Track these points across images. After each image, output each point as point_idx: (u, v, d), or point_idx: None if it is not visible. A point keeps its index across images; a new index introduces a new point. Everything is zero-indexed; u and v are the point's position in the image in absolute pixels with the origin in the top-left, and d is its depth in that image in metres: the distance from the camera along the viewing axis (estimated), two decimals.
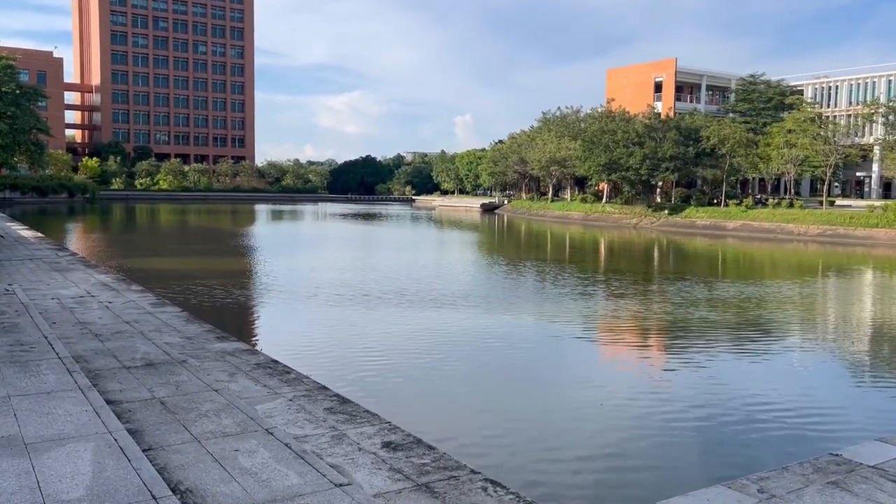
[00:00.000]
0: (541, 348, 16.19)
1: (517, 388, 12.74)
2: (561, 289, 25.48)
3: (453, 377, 13.23)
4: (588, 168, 73.76)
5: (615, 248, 48.34)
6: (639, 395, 12.27)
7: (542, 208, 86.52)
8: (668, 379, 13.60)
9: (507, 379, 13.40)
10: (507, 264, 33.35)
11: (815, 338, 18.27)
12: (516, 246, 49.24)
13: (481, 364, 14.34)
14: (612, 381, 13.36)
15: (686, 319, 19.43)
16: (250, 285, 24.54)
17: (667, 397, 12.14)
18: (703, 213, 64.38)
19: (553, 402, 11.92)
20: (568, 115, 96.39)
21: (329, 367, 13.15)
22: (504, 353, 15.37)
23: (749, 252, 46.46)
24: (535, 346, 16.47)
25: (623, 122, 72.80)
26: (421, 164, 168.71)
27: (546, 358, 15.30)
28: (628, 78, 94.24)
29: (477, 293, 23.23)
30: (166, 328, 11.04)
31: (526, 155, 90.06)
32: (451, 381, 13.02)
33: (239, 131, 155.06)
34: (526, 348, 16.03)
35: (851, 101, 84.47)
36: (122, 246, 39.39)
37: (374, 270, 29.31)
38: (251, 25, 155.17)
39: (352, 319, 18.08)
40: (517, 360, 14.73)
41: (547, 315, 20.10)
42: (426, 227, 68.48)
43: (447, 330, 17.40)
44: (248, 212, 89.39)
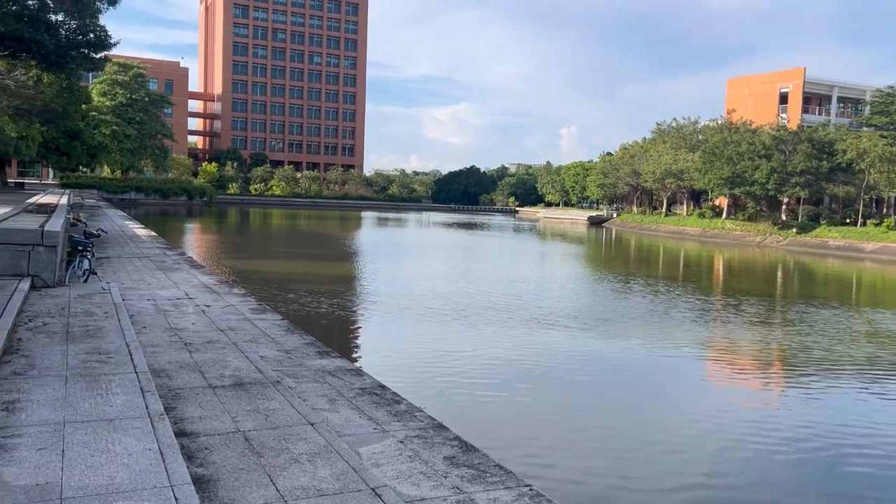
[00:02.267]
0: (669, 381, 14.09)
1: (651, 433, 10.79)
2: (681, 311, 23.01)
3: (579, 416, 11.43)
4: (708, 181, 69.41)
5: (739, 268, 44.64)
6: (753, 432, 10.19)
7: (654, 223, 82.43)
8: (787, 417, 11.34)
9: (636, 418, 11.45)
10: (619, 281, 30.96)
11: None
12: (628, 261, 46.43)
13: (605, 399, 12.47)
14: (730, 416, 11.18)
15: (813, 350, 16.83)
16: (353, 293, 23.55)
17: (786, 436, 9.95)
18: (837, 233, 58.91)
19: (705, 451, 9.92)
20: (684, 126, 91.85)
21: (440, 396, 11.69)
22: (626, 383, 13.40)
23: (892, 278, 41.67)
24: (662, 378, 14.39)
25: (748, 133, 68.10)
26: (525, 175, 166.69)
27: (680, 395, 13.21)
28: (751, 88, 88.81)
29: (588, 313, 21.23)
30: (264, 338, 9.86)
31: (639, 167, 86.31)
32: (578, 420, 11.23)
33: (349, 140, 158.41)
34: (654, 380, 13.98)
35: None
36: (231, 247, 39.81)
37: (478, 282, 27.79)
38: (364, 37, 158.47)
39: (458, 338, 16.54)
40: (642, 393, 12.74)
41: (671, 341, 17.86)
42: (530, 239, 66.43)
43: (560, 354, 15.61)
44: (355, 218, 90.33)
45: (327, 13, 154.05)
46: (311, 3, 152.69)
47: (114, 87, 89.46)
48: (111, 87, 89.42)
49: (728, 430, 10.91)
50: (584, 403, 12.27)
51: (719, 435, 10.70)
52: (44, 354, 7.19)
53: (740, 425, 11.25)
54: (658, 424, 11.19)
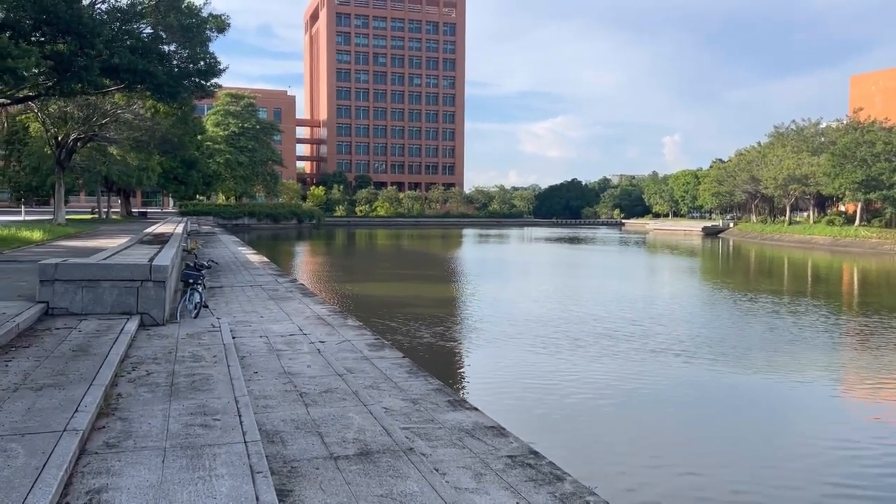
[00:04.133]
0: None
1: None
2: (827, 335, 20.25)
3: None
4: (839, 186, 63.99)
5: (880, 280, 40.24)
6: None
7: (777, 232, 76.96)
8: None
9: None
10: (750, 300, 28.10)
11: None
12: (760, 276, 42.91)
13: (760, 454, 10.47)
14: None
15: None
16: (462, 319, 22.24)
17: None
18: None
19: None
20: (805, 128, 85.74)
21: (595, 461, 10.16)
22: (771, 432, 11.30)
23: None
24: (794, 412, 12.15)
25: (884, 131, 62.39)
26: (629, 186, 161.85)
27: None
28: (878, 84, 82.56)
29: (726, 340, 18.93)
30: (385, 384, 8.66)
31: (758, 172, 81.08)
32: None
33: (449, 159, 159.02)
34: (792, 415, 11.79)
35: None
36: (340, 270, 39.65)
37: (589, 304, 25.84)
38: (462, 56, 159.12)
39: (583, 377, 14.74)
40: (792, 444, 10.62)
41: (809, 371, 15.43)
42: (642, 253, 63.29)
43: (713, 400, 13.62)
44: (457, 236, 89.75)
45: (425, 35, 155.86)
46: (410, 26, 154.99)
47: (226, 118, 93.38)
48: (224, 118, 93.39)
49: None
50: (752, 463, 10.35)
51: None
52: (143, 417, 6.22)
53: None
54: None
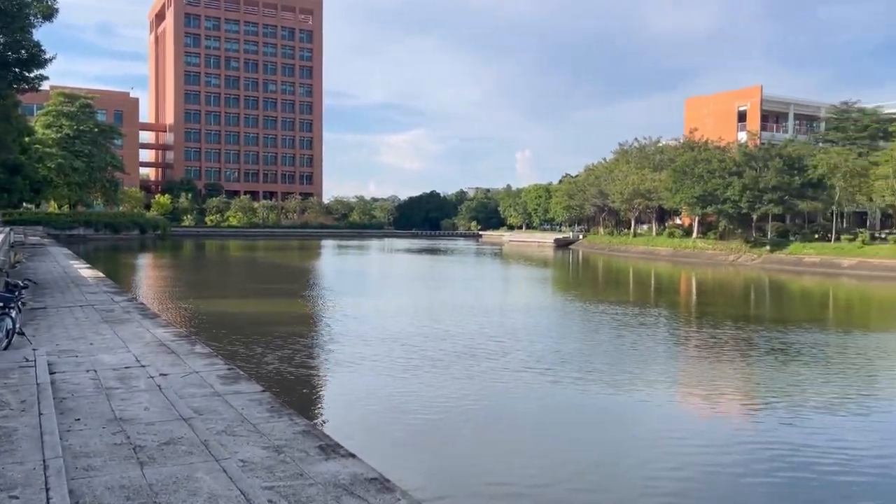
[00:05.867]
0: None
1: None
2: (676, 346, 21.04)
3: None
4: (679, 200, 68.53)
5: (716, 289, 43.25)
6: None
7: (623, 243, 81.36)
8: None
9: None
10: (600, 312, 28.85)
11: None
12: (603, 286, 44.71)
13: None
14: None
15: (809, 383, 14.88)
16: (330, 340, 20.82)
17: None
18: (811, 250, 58.24)
19: None
20: (647, 146, 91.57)
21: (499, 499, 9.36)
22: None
23: (877, 294, 40.69)
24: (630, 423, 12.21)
25: (718, 150, 67.65)
26: (484, 199, 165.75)
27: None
28: (709, 107, 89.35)
29: (573, 353, 19.02)
30: (242, 427, 7.34)
31: (606, 187, 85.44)
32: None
33: (307, 168, 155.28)
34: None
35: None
36: (187, 286, 36.75)
37: (449, 320, 25.31)
38: (320, 64, 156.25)
39: (462, 402, 13.97)
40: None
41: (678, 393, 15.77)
42: (499, 265, 64.48)
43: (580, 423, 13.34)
44: (316, 247, 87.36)
45: (281, 40, 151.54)
46: (265, 31, 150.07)
47: (59, 119, 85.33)
48: (56, 119, 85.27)
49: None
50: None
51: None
52: None
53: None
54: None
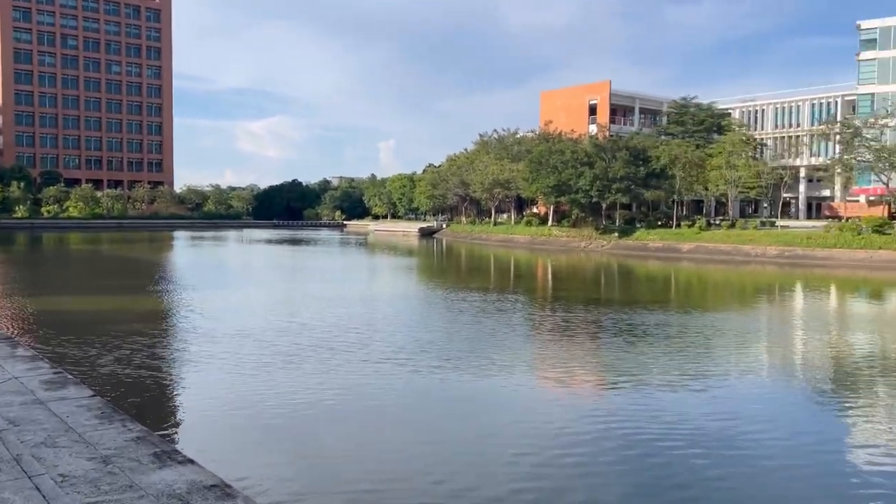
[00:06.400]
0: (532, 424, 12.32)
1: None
2: (532, 330, 21.79)
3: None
4: (535, 190, 71.08)
5: (568, 274, 45.35)
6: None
7: (484, 232, 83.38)
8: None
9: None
10: (460, 300, 29.34)
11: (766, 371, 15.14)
12: (463, 272, 45.54)
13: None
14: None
15: (659, 360, 16.07)
16: (176, 338, 19.60)
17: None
18: (655, 236, 62.45)
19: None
20: (506, 137, 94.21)
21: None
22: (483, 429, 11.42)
23: (712, 276, 44.29)
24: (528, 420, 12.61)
25: (571, 142, 70.75)
26: (349, 188, 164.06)
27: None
28: (562, 101, 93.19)
29: (433, 342, 19.05)
30: (66, 437, 6.56)
31: (467, 177, 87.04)
32: None
33: (156, 155, 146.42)
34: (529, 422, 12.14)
35: (777, 125, 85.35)
36: (17, 283, 33.43)
37: (308, 312, 24.73)
38: (169, 45, 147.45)
39: (316, 397, 13.42)
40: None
41: (519, 368, 16.30)
42: (364, 255, 64.03)
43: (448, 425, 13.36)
44: (167, 239, 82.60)
45: (125, 19, 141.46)
46: (106, 8, 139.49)
47: None
48: None
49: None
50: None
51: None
52: None
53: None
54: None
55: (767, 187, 68.33)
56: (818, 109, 79.97)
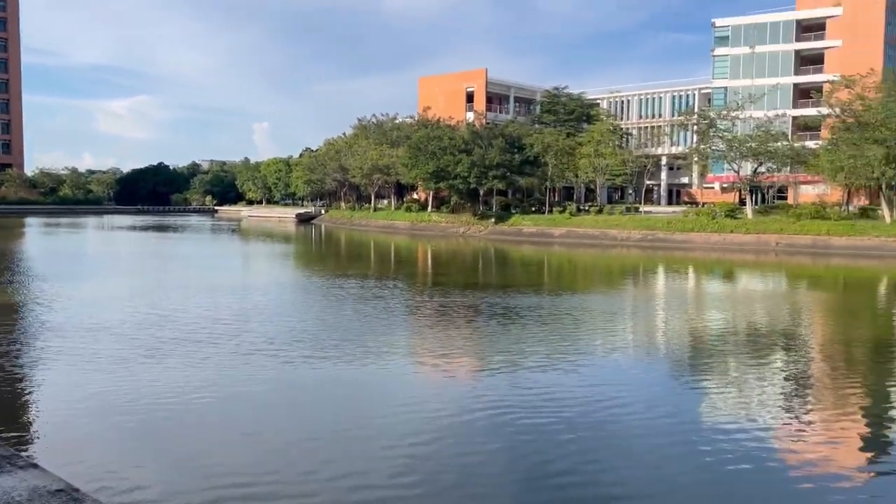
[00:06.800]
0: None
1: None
2: (410, 316, 21.80)
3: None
4: (415, 176, 71.15)
5: (447, 260, 45.81)
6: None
7: (364, 218, 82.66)
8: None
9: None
10: (337, 287, 28.91)
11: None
12: (345, 261, 44.92)
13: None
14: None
15: (527, 341, 16.64)
16: (23, 334, 17.97)
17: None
18: (529, 221, 64.28)
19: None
20: (384, 123, 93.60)
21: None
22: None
23: (582, 259, 46.13)
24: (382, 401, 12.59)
25: (449, 129, 71.23)
26: (220, 172, 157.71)
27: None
28: (440, 87, 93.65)
29: (307, 331, 18.54)
30: None
31: (346, 162, 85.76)
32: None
33: (4, 136, 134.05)
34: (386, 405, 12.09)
35: (641, 115, 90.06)
36: None
37: (177, 305, 23.56)
38: (15, 15, 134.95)
39: (180, 392, 12.76)
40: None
41: (393, 354, 16.29)
42: (236, 242, 61.73)
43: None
44: (17, 227, 75.96)
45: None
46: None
47: None
48: None
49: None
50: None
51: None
52: None
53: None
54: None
55: (632, 175, 72.16)
56: (678, 101, 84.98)
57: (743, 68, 72.65)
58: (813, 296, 28.60)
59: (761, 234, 50.64)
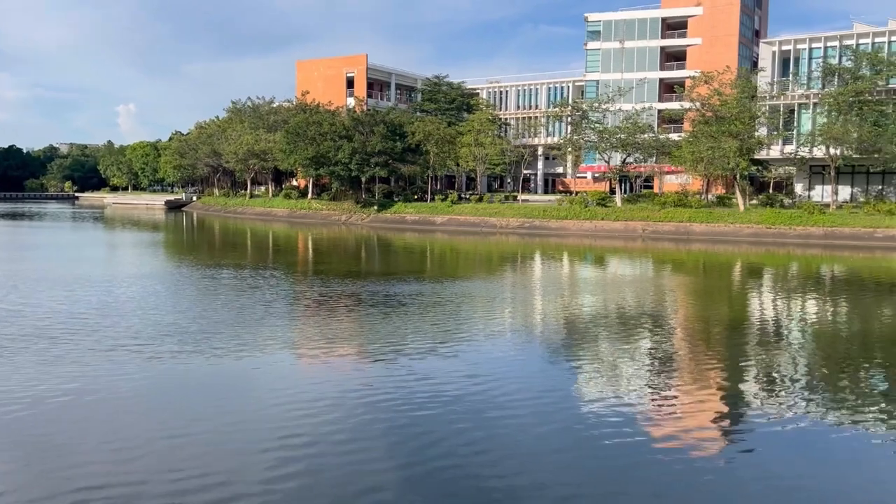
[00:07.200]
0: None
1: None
2: (289, 306, 21.27)
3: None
4: (293, 162, 69.23)
5: (329, 248, 45.06)
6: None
7: (240, 205, 79.69)
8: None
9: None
10: (209, 277, 27.72)
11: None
12: (219, 250, 43.10)
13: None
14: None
15: (411, 330, 16.81)
16: None
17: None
18: (412, 209, 64.34)
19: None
20: (261, 106, 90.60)
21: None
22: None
23: (463, 246, 46.70)
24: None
25: (329, 114, 69.81)
26: (81, 156, 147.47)
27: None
28: (320, 71, 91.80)
29: (177, 324, 17.73)
30: None
31: (219, 147, 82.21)
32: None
33: None
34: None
35: (519, 105, 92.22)
36: None
37: (28, 299, 21.79)
38: None
39: (29, 392, 11.79)
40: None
41: (261, 346, 15.88)
42: (99, 230, 57.80)
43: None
44: None
45: None
46: None
47: None
48: None
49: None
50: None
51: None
52: None
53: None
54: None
55: (511, 164, 73.84)
56: (554, 93, 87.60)
57: (613, 62, 75.89)
58: (676, 279, 30.36)
59: (629, 221, 53.25)
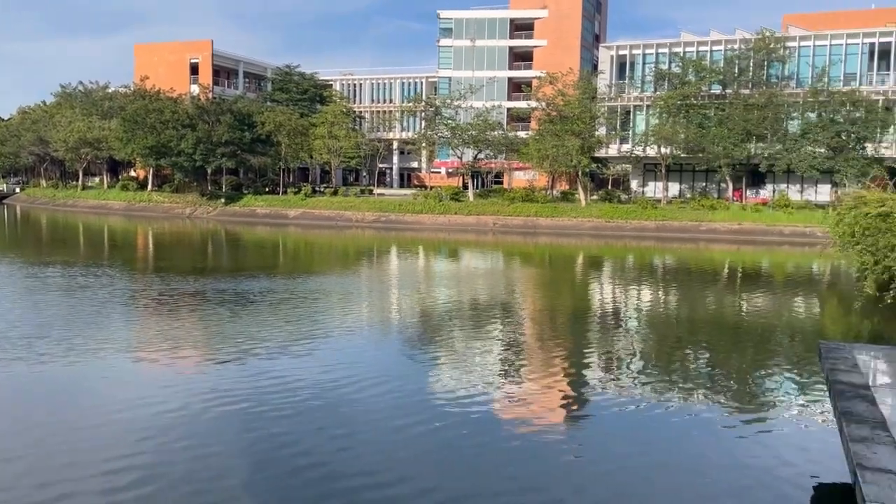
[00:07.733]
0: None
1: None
2: (125, 306, 20.01)
3: None
4: (131, 151, 64.60)
5: (171, 243, 42.67)
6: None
7: (70, 197, 73.33)
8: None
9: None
10: (33, 276, 25.39)
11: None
12: (47, 246, 39.55)
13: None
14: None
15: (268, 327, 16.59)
16: None
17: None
18: (263, 202, 62.26)
19: None
20: (94, 91, 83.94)
21: None
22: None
23: (318, 241, 45.94)
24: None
25: (171, 101, 65.81)
26: None
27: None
28: (161, 56, 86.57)
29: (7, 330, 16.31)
30: None
31: (46, 134, 75.15)
32: None
33: None
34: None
35: (373, 99, 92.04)
36: None
37: None
38: None
39: None
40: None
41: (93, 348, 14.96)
42: None
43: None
44: None
45: None
46: None
47: None
48: None
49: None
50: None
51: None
52: None
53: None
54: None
55: (366, 157, 73.43)
56: (408, 88, 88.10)
57: (465, 60, 77.44)
58: (525, 272, 31.57)
59: (481, 215, 54.71)
